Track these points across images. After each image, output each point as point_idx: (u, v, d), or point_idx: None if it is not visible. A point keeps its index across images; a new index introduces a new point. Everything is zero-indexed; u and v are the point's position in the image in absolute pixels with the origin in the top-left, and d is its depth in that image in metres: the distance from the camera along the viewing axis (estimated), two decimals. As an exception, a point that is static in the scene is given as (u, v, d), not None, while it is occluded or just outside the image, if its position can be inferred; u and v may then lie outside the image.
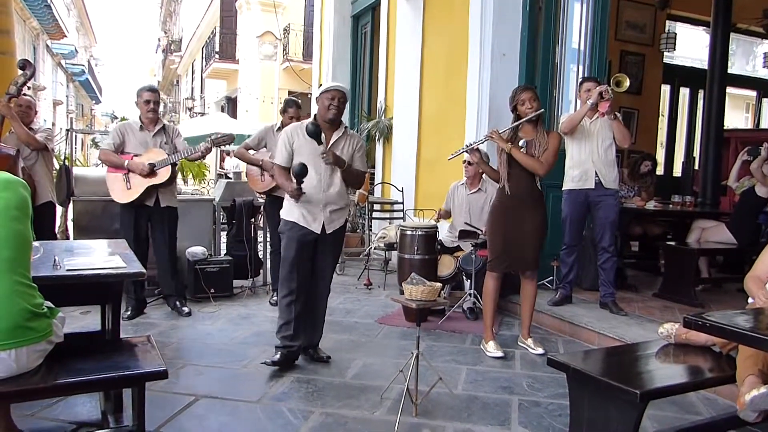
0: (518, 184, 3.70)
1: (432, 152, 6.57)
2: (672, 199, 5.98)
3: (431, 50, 6.61)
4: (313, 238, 3.41)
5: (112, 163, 4.25)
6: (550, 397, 3.13)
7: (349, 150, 3.45)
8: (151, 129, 4.37)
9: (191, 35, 25.60)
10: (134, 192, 4.24)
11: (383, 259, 5.93)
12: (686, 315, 1.93)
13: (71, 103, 31.03)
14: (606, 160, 4.43)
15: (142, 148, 4.31)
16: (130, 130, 4.36)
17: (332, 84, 3.50)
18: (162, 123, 4.46)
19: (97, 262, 2.54)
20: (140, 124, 4.37)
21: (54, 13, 19.23)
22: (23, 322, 1.88)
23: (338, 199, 3.44)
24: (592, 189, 4.44)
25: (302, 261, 3.42)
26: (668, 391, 2.17)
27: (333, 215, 3.43)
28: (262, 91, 17.50)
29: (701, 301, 4.77)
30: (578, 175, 4.47)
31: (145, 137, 4.35)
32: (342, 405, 2.95)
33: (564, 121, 4.53)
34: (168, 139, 4.43)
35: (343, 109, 3.42)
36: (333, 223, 3.44)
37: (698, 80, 8.58)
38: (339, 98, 3.37)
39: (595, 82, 4.45)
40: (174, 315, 4.49)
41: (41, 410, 2.72)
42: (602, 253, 4.49)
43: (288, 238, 3.43)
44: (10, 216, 1.92)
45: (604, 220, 4.45)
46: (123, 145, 4.32)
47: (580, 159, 4.47)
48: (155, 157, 4.27)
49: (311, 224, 3.39)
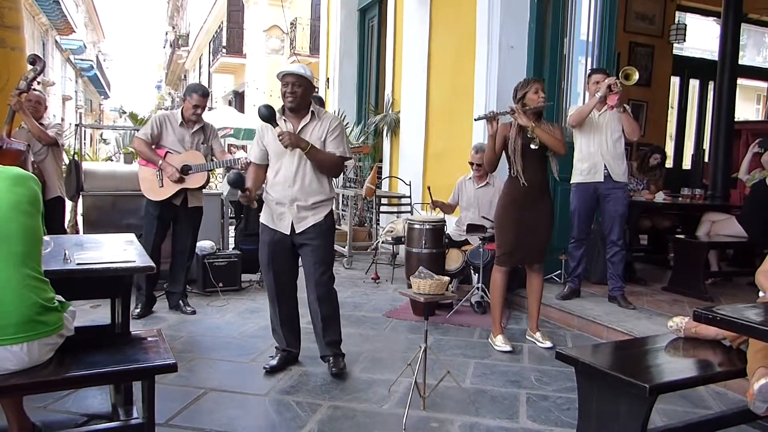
0: (530, 174, 3.66)
1: (440, 146, 6.55)
2: (681, 192, 5.94)
3: (438, 43, 6.59)
4: (283, 239, 3.22)
5: (146, 155, 4.15)
6: (558, 390, 3.13)
7: (319, 133, 3.18)
8: (192, 126, 4.28)
9: (198, 30, 25.64)
10: (166, 191, 4.18)
11: (391, 253, 5.94)
12: (696, 308, 1.92)
13: (80, 98, 31.19)
14: (615, 153, 4.40)
15: (179, 145, 4.22)
16: (169, 123, 4.24)
17: (284, 69, 3.24)
18: (202, 122, 4.35)
19: (107, 257, 2.55)
20: (181, 120, 4.24)
21: (63, 9, 19.32)
22: (35, 316, 1.89)
23: (307, 195, 3.17)
24: (601, 182, 4.41)
25: (276, 265, 3.26)
26: (678, 385, 2.16)
27: (303, 212, 3.18)
28: (269, 86, 17.50)
29: (711, 295, 4.74)
30: (587, 168, 4.45)
31: (184, 133, 4.24)
32: (350, 398, 2.96)
33: (572, 113, 4.50)
34: (205, 138, 4.35)
35: (304, 94, 3.15)
36: (304, 222, 3.18)
37: (708, 71, 8.48)
38: (293, 83, 3.12)
39: (603, 75, 4.41)
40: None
41: (53, 402, 2.75)
42: (611, 247, 4.47)
43: (260, 242, 3.34)
44: (21, 210, 1.93)
45: (614, 214, 4.43)
46: (159, 137, 4.20)
47: (589, 152, 4.45)
48: (193, 160, 4.20)
49: (278, 225, 3.22)
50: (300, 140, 3.09)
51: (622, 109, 4.33)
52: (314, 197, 3.19)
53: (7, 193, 1.91)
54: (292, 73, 3.15)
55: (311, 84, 3.21)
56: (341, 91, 9.25)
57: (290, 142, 3.05)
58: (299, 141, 3.08)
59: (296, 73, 3.15)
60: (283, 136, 3.04)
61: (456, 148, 6.03)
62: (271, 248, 3.25)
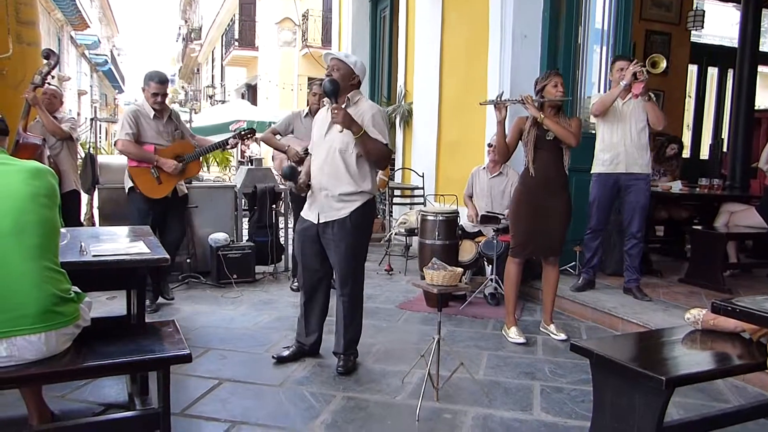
0: (544, 166, 3.62)
1: (453, 136, 6.52)
2: (699, 182, 5.85)
3: (451, 33, 6.54)
4: (312, 230, 3.16)
5: (137, 156, 4.09)
6: (572, 383, 3.11)
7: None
8: (163, 117, 4.23)
9: (211, 23, 25.70)
10: (166, 187, 4.18)
11: (404, 245, 5.93)
12: (714, 300, 1.89)
13: (95, 92, 31.46)
14: (639, 144, 4.32)
15: (159, 138, 4.18)
16: (142, 117, 4.15)
17: (327, 51, 3.26)
18: (169, 110, 4.32)
19: (122, 249, 2.58)
20: (153, 112, 4.17)
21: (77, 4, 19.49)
22: (52, 307, 1.91)
23: (335, 184, 3.05)
24: (623, 173, 4.33)
25: (305, 256, 3.24)
26: (695, 378, 2.13)
27: (331, 203, 3.07)
28: (282, 78, 17.51)
29: (729, 287, 4.67)
30: (609, 159, 4.37)
31: (158, 125, 4.21)
32: (363, 389, 2.97)
33: (595, 102, 4.42)
34: (177, 125, 4.34)
35: (342, 77, 3.05)
36: (329, 213, 3.08)
37: (728, 59, 8.34)
38: (332, 67, 3.06)
39: (628, 61, 4.29)
40: (198, 300, 4.55)
41: (71, 392, 2.78)
42: (630, 239, 4.40)
43: (296, 231, 3.36)
44: (39, 203, 1.95)
45: (635, 205, 4.35)
46: (138, 135, 4.11)
47: (612, 142, 4.36)
48: (182, 150, 4.20)
49: (309, 214, 3.19)
50: (353, 122, 2.93)
51: (647, 98, 4.24)
52: (342, 187, 3.05)
53: (24, 186, 1.94)
54: (331, 55, 3.14)
55: (351, 71, 3.08)
56: (354, 83, 9.22)
57: (342, 119, 2.90)
58: (352, 123, 2.93)
59: (336, 56, 3.13)
60: (337, 111, 2.91)
61: (469, 138, 6.00)
62: (301, 237, 3.24)
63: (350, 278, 3.17)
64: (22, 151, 4.06)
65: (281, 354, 3.31)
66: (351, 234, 3.08)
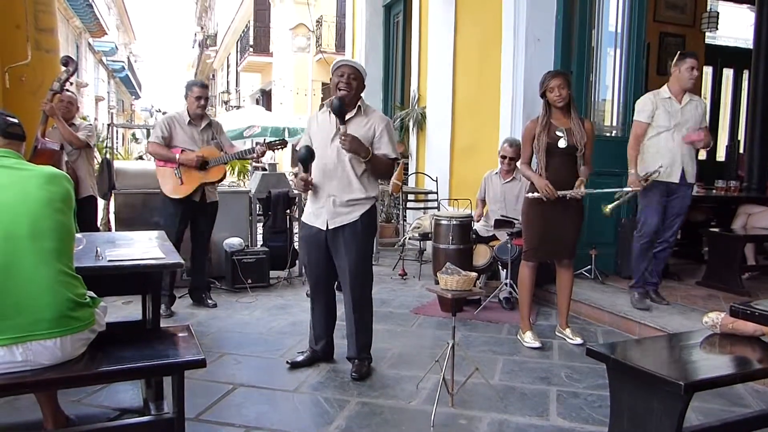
0: (556, 171, 3.59)
1: (466, 140, 6.50)
2: (716, 184, 5.78)
3: (464, 37, 6.53)
4: (320, 236, 3.13)
5: (163, 156, 4.21)
6: (589, 388, 3.08)
7: (364, 131, 3.06)
8: (199, 124, 4.34)
9: (226, 30, 25.93)
10: (187, 187, 4.23)
11: (418, 249, 5.92)
12: (733, 303, 1.86)
13: (112, 98, 31.86)
14: (692, 152, 4.14)
15: (191, 143, 4.27)
16: (177, 124, 4.30)
17: (342, 59, 3.17)
18: (209, 119, 4.45)
19: (138, 254, 2.59)
20: (189, 118, 4.31)
21: (95, 11, 19.77)
22: (67, 312, 1.93)
23: (344, 191, 3.06)
24: (676, 183, 4.10)
25: (314, 262, 3.21)
26: (714, 383, 2.09)
27: (339, 209, 3.07)
28: (296, 83, 17.62)
29: (748, 290, 4.60)
30: (665, 167, 4.05)
31: (193, 132, 4.30)
32: (378, 395, 2.96)
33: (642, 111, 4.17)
34: (214, 135, 4.41)
35: (358, 88, 3.08)
36: (338, 218, 3.08)
37: (743, 60, 8.23)
38: (349, 74, 3.03)
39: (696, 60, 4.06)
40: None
41: (86, 396, 2.80)
42: (662, 242, 4.26)
43: (300, 238, 3.32)
44: (55, 208, 1.97)
45: (679, 211, 4.19)
46: (170, 139, 4.25)
47: (668, 147, 4.07)
48: (209, 154, 4.25)
49: (315, 221, 3.14)
50: (361, 147, 2.96)
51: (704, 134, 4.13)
52: (351, 194, 3.07)
53: (40, 191, 1.96)
54: (349, 65, 3.08)
55: (364, 80, 3.12)
56: (367, 88, 9.21)
57: (350, 147, 2.93)
58: (360, 148, 2.95)
59: (353, 65, 3.09)
60: (345, 139, 2.92)
61: (483, 143, 5.98)
62: (308, 244, 3.21)
63: (360, 280, 3.17)
64: (39, 156, 4.12)
65: (295, 359, 3.31)
66: (361, 236, 3.11)
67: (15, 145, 2.11)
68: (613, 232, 5.19)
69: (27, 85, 4.99)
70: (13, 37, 4.97)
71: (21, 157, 2.11)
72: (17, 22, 4.98)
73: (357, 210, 3.10)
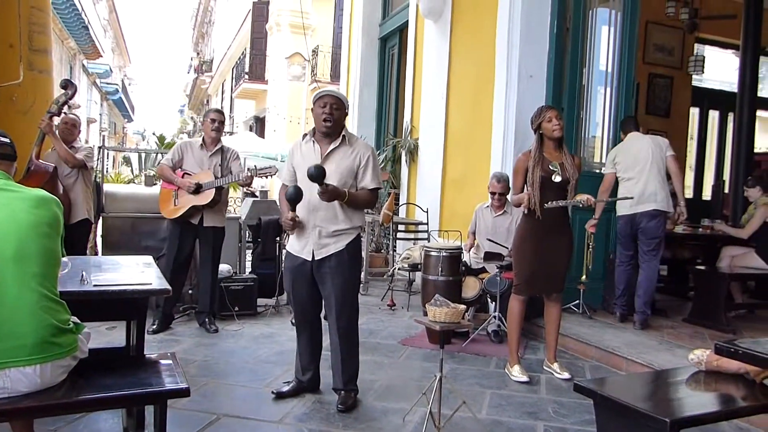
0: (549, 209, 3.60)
1: (457, 173, 6.55)
2: (702, 223, 5.85)
3: (458, 71, 6.64)
4: (305, 266, 3.11)
5: (167, 178, 4.44)
6: (576, 423, 3.06)
7: (349, 162, 3.07)
8: (210, 149, 4.51)
9: (222, 56, 26.19)
10: (179, 209, 4.40)
11: (407, 280, 5.90)
12: (717, 341, 1.87)
13: (104, 121, 31.87)
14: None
15: (197, 167, 4.46)
16: (190, 148, 4.55)
17: (324, 89, 3.17)
18: (221, 144, 4.57)
19: (124, 279, 2.57)
20: (201, 142, 4.54)
21: (91, 33, 19.90)
22: (49, 338, 1.89)
23: (330, 222, 3.06)
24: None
25: (299, 293, 3.20)
26: (699, 420, 2.09)
27: (325, 239, 3.07)
28: (290, 111, 17.75)
29: (733, 327, 4.63)
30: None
31: (202, 156, 4.49)
32: (364, 427, 2.92)
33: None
34: (224, 160, 4.53)
35: (341, 117, 3.08)
36: (325, 248, 3.07)
37: (728, 103, 8.43)
38: (332, 104, 3.02)
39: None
40: (200, 332, 4.51)
41: (64, 425, 2.73)
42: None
43: (284, 269, 3.31)
44: (40, 233, 1.94)
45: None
46: (181, 162, 4.49)
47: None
48: (205, 179, 4.38)
49: (301, 251, 3.12)
50: (337, 193, 2.96)
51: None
52: (337, 225, 3.07)
53: (27, 215, 1.93)
54: (331, 94, 3.08)
55: (346, 108, 3.14)
56: (361, 118, 9.34)
57: (329, 199, 2.96)
58: (336, 194, 2.96)
59: (336, 95, 3.09)
60: (324, 194, 2.92)
61: (474, 175, 6.03)
62: (293, 275, 3.18)
63: (347, 309, 3.14)
64: (32, 177, 4.11)
65: (281, 389, 3.26)
66: (348, 264, 3.11)
67: (4, 165, 2.07)
68: (601, 267, 5.22)
69: (18, 105, 4.97)
70: (6, 56, 4.98)
71: (10, 177, 2.07)
72: (10, 41, 4.99)
73: (343, 240, 3.10)
